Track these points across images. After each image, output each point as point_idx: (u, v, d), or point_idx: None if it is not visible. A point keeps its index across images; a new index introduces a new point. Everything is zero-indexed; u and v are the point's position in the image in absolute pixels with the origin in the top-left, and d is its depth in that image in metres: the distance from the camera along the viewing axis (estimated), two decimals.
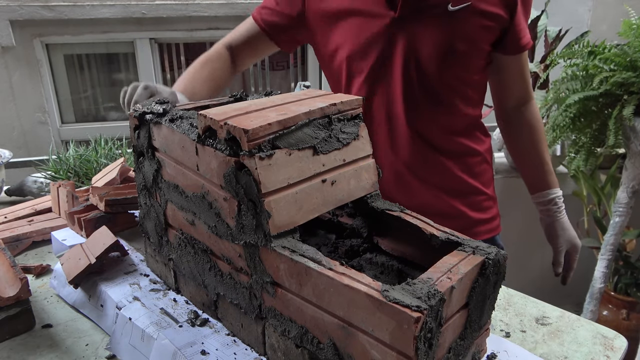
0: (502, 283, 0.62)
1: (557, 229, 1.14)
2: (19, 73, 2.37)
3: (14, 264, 0.81)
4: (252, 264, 0.61)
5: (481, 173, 1.12)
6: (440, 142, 1.05)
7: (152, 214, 0.80)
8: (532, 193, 1.16)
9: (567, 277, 1.17)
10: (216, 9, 2.42)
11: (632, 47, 1.54)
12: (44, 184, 1.41)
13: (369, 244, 0.71)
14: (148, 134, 0.74)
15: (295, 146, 0.59)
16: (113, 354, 0.72)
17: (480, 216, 1.12)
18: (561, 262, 1.15)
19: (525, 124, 1.13)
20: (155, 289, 0.81)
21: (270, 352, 0.64)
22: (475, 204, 1.11)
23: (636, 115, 1.53)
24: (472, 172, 1.10)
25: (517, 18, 0.98)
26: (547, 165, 1.13)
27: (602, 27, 2.24)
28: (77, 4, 2.29)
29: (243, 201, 0.59)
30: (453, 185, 1.09)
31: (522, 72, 1.08)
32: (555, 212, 1.14)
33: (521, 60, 1.06)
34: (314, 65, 2.75)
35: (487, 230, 1.14)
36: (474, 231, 1.12)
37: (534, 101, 1.14)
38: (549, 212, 1.14)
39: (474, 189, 1.11)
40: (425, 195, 1.08)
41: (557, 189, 1.14)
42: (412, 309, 0.46)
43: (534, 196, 1.16)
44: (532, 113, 1.12)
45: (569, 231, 1.14)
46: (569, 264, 1.16)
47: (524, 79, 1.10)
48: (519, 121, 1.13)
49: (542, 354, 0.71)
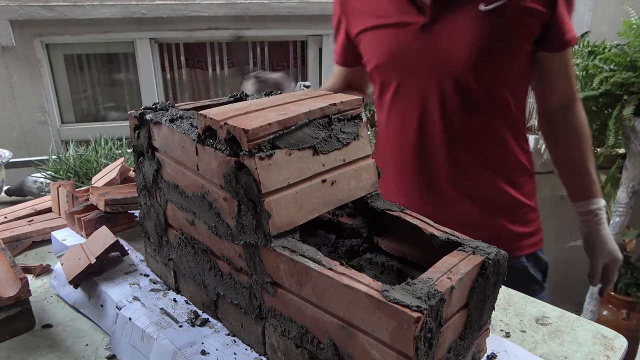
0: (502, 283, 0.62)
1: (595, 242, 1.09)
2: (19, 73, 2.37)
3: (14, 264, 0.81)
4: (252, 264, 0.61)
5: (523, 184, 1.07)
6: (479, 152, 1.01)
7: (152, 214, 0.80)
8: (573, 201, 1.11)
9: (605, 289, 1.13)
10: (216, 9, 2.42)
11: (632, 47, 1.54)
12: (44, 184, 1.41)
13: (369, 244, 0.71)
14: (148, 134, 0.74)
15: (295, 146, 0.59)
16: (113, 354, 0.72)
17: (522, 230, 1.07)
18: (597, 275, 1.10)
19: (570, 127, 1.06)
20: (155, 289, 0.81)
21: (270, 352, 0.64)
22: (518, 217, 1.06)
23: (636, 115, 1.53)
24: (514, 183, 1.05)
25: (558, 12, 0.93)
26: (589, 174, 1.07)
27: (602, 27, 2.24)
28: (77, 4, 2.29)
29: (243, 201, 0.59)
30: (494, 198, 1.04)
31: (567, 70, 1.03)
32: (596, 223, 1.08)
33: (566, 57, 1.00)
34: (314, 65, 2.75)
35: (529, 244, 1.09)
36: (516, 245, 1.07)
37: (579, 103, 1.07)
38: (589, 222, 1.09)
39: (516, 201, 1.06)
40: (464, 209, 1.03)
41: (598, 199, 1.08)
42: (412, 309, 0.46)
43: (574, 204, 1.11)
44: (578, 116, 1.06)
45: (608, 244, 1.08)
46: (607, 277, 1.11)
47: (569, 77, 1.04)
48: (564, 123, 1.07)
49: (542, 354, 0.71)
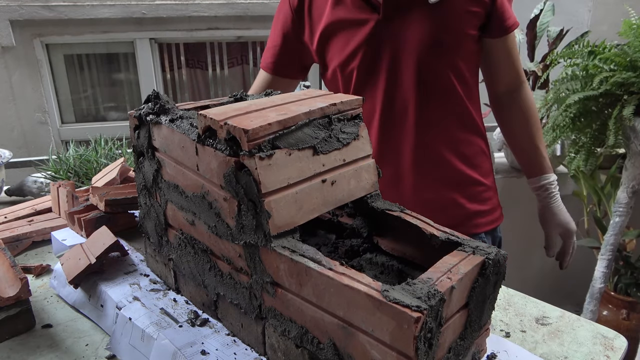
0: (502, 283, 0.62)
1: (548, 214, 1.16)
2: (19, 73, 2.37)
3: (14, 264, 0.81)
4: (252, 264, 0.61)
5: (480, 164, 1.12)
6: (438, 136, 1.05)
7: (152, 214, 0.80)
8: (527, 178, 1.18)
9: (564, 261, 1.19)
10: (216, 9, 2.42)
11: (632, 47, 1.54)
12: (44, 184, 1.41)
13: (369, 244, 0.71)
14: (148, 134, 0.74)
15: (295, 146, 0.59)
16: (113, 354, 0.72)
17: (480, 207, 1.12)
18: (551, 245, 1.18)
19: (517, 110, 1.12)
20: (155, 289, 0.81)
21: (270, 352, 0.64)
22: (475, 195, 1.11)
23: (636, 115, 1.52)
24: (470, 163, 1.10)
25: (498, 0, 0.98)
26: (539, 151, 1.13)
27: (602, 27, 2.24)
28: (77, 4, 2.29)
29: (243, 201, 0.59)
30: (452, 177, 1.08)
31: (511, 55, 1.08)
32: (547, 197, 1.15)
33: (508, 43, 1.05)
34: (314, 65, 2.75)
35: (488, 222, 1.13)
36: (474, 223, 1.12)
37: (526, 85, 1.12)
38: (541, 197, 1.16)
39: (474, 180, 1.10)
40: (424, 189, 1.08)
41: (548, 174, 1.14)
42: (412, 309, 0.46)
43: (528, 181, 1.18)
44: (525, 99, 1.11)
45: (559, 216, 1.15)
46: (564, 248, 1.18)
47: (513, 62, 1.09)
48: (511, 107, 1.12)
49: (542, 354, 0.71)
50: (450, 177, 1.08)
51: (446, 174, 1.08)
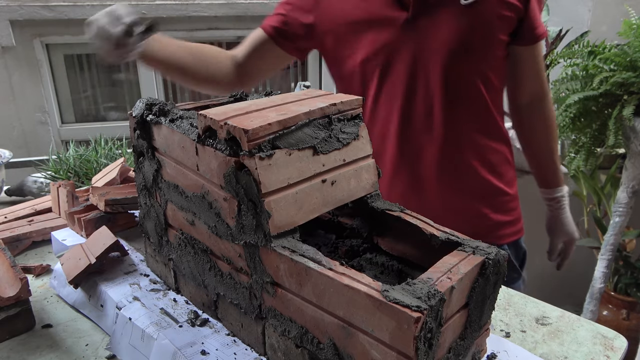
0: (502, 283, 0.62)
1: (557, 224, 1.21)
2: (19, 73, 2.37)
3: (14, 264, 0.81)
4: (252, 264, 0.61)
5: (504, 173, 1.09)
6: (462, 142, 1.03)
7: (152, 214, 0.80)
8: (540, 187, 1.20)
9: (562, 264, 1.26)
10: (216, 9, 2.42)
11: (632, 47, 1.54)
12: (44, 184, 1.41)
13: (369, 244, 0.71)
14: (148, 134, 0.74)
15: (295, 146, 0.59)
16: (113, 354, 0.72)
17: (504, 218, 1.10)
18: (555, 252, 1.23)
19: (538, 121, 1.11)
20: (155, 289, 0.81)
21: (270, 352, 0.64)
22: (499, 205, 1.09)
23: (636, 115, 1.52)
24: (495, 172, 1.07)
25: (531, 7, 0.97)
26: (555, 164, 1.16)
27: (602, 27, 2.24)
28: (77, 4, 2.29)
29: (243, 201, 0.59)
30: (476, 187, 1.06)
31: (537, 64, 1.06)
32: (558, 208, 1.19)
33: (535, 51, 1.04)
34: (314, 65, 2.75)
35: (512, 232, 1.12)
36: (498, 234, 1.10)
37: (549, 98, 1.11)
38: (552, 207, 1.20)
39: (498, 190, 1.08)
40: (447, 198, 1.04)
41: (561, 187, 1.18)
42: (412, 309, 0.46)
43: (541, 190, 1.20)
44: (547, 111, 1.11)
45: (567, 226, 1.20)
46: (566, 253, 1.23)
47: (538, 72, 1.07)
48: (532, 117, 1.11)
49: (542, 354, 0.71)
50: (476, 186, 1.05)
51: (471, 183, 1.05)
